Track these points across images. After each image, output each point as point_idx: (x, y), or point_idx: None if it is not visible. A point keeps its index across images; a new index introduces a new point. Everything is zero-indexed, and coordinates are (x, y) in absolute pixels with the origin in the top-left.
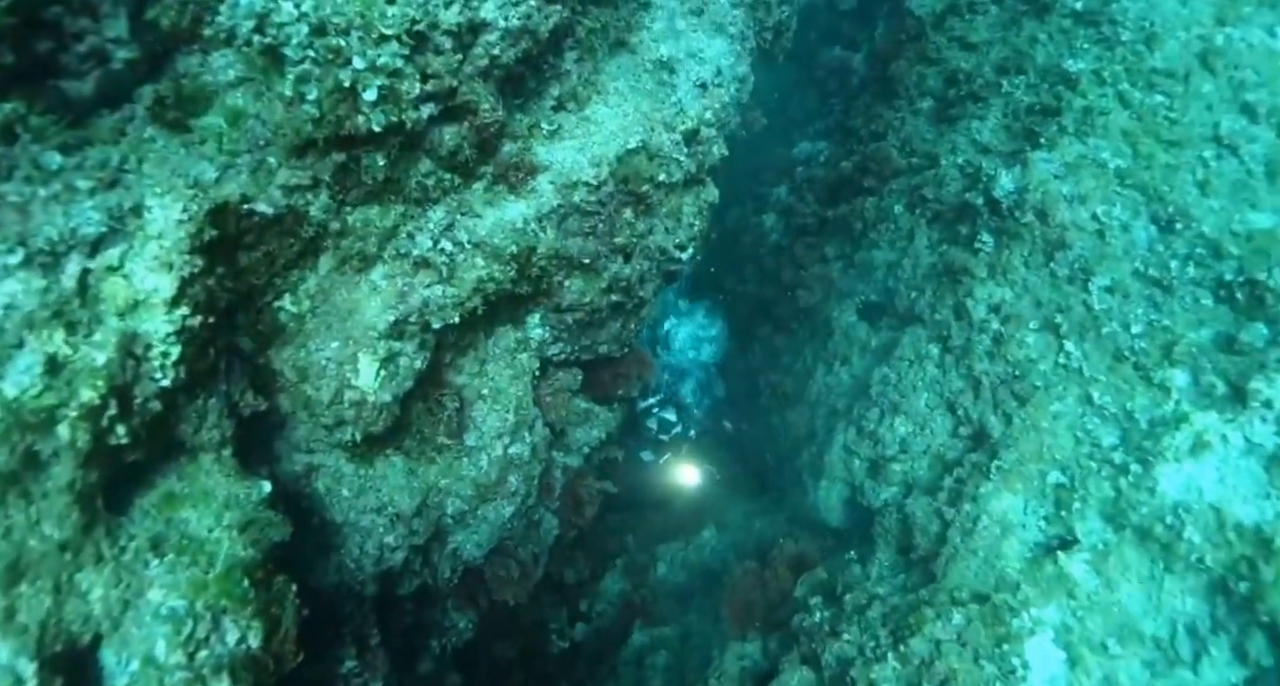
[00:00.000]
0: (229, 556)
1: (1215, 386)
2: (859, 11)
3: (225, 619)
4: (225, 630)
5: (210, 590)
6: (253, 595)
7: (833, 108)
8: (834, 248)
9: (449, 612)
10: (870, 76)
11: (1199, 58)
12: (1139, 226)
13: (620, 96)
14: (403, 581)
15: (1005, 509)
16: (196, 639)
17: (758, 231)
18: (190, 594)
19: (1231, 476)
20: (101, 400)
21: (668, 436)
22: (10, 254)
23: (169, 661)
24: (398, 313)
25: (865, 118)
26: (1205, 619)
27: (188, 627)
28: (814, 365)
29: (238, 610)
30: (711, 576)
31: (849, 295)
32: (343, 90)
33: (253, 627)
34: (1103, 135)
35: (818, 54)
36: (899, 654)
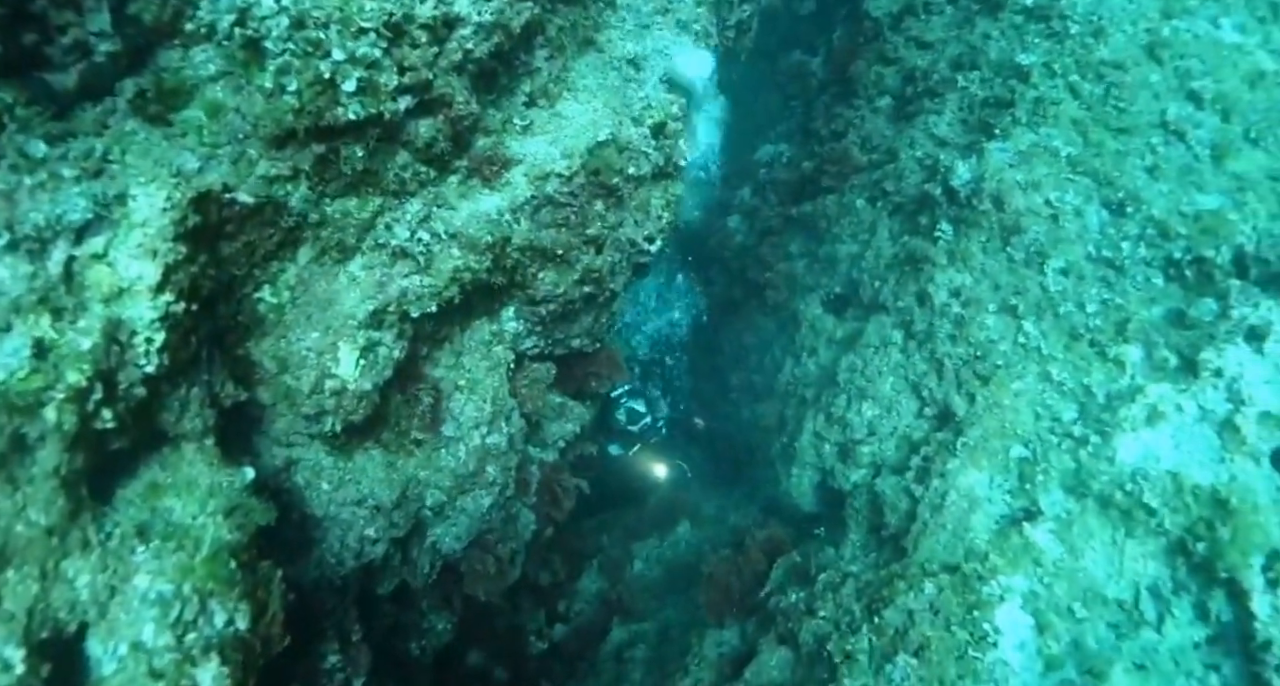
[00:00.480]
0: (215, 540)
1: (1168, 360)
2: (817, 15)
3: (212, 601)
4: (213, 612)
5: (197, 573)
6: (240, 577)
7: (794, 110)
8: (798, 245)
9: (427, 614)
10: (829, 78)
11: (1145, 49)
12: (1091, 211)
13: (589, 93)
14: (382, 578)
15: (971, 484)
16: (184, 621)
17: (723, 233)
18: (177, 578)
19: (1187, 443)
20: (88, 383)
21: (636, 427)
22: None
23: (157, 644)
24: (376, 302)
25: (825, 118)
26: (1167, 580)
27: (175, 610)
28: (782, 358)
29: (225, 592)
30: (688, 571)
31: (814, 289)
32: (323, 81)
33: (240, 610)
34: (1054, 124)
35: (778, 58)
36: (874, 625)
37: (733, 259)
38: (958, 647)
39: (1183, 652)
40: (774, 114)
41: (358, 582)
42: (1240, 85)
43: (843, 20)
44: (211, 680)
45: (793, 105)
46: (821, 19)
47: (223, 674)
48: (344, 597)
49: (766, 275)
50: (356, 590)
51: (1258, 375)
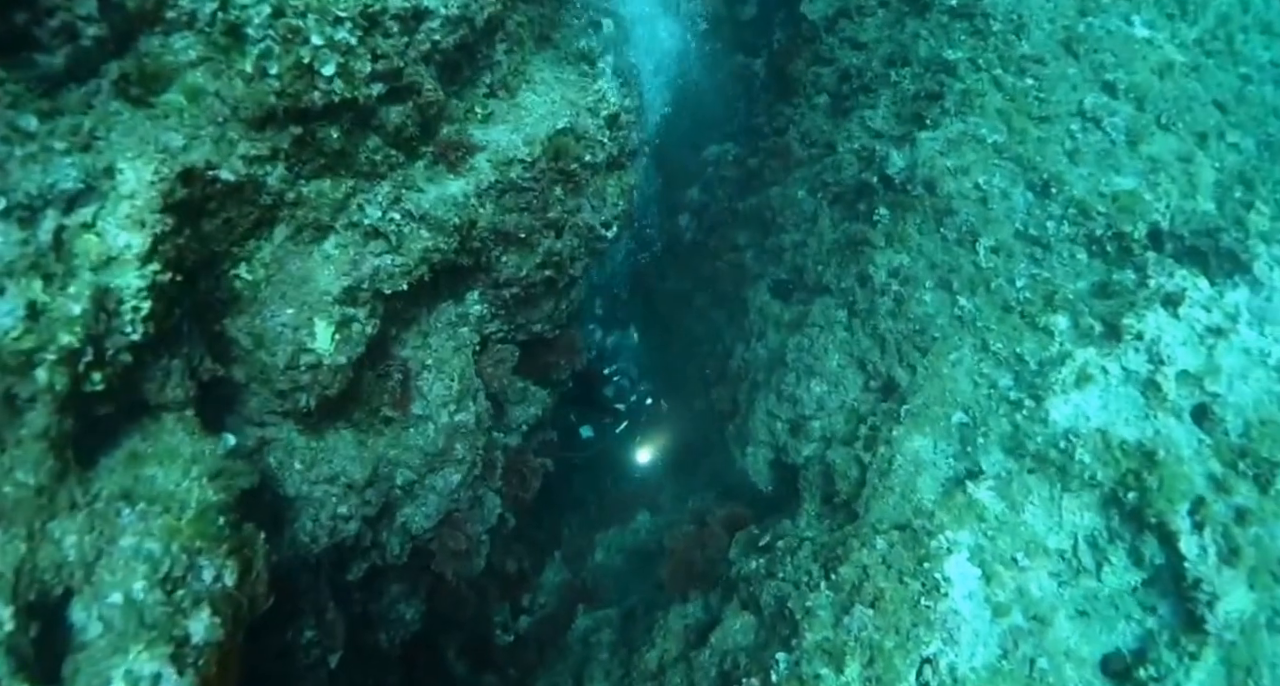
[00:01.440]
0: (200, 501)
1: (1093, 327)
2: (758, 21)
3: (200, 558)
4: (201, 568)
5: (184, 533)
6: (227, 533)
7: (737, 110)
8: (745, 236)
9: (396, 603)
10: (770, 79)
11: (1063, 44)
12: (1017, 193)
13: (547, 86)
14: (354, 562)
15: (916, 449)
16: (173, 578)
17: (674, 231)
18: (164, 538)
19: (1113, 402)
20: (80, 345)
21: (624, 404)
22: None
23: (147, 599)
24: (351, 279)
25: (768, 115)
26: (1102, 530)
27: (164, 567)
28: (733, 344)
29: (212, 550)
30: (649, 558)
31: (762, 277)
32: (302, 66)
33: (228, 566)
34: (980, 114)
35: (721, 62)
36: (830, 582)
37: (684, 252)
38: (911, 597)
39: (1121, 597)
40: (717, 115)
41: (330, 563)
42: (1151, 76)
43: (781, 24)
44: (204, 630)
45: (736, 106)
46: (761, 24)
47: (214, 624)
48: (318, 576)
49: (715, 265)
50: (329, 570)
51: (1175, 337)
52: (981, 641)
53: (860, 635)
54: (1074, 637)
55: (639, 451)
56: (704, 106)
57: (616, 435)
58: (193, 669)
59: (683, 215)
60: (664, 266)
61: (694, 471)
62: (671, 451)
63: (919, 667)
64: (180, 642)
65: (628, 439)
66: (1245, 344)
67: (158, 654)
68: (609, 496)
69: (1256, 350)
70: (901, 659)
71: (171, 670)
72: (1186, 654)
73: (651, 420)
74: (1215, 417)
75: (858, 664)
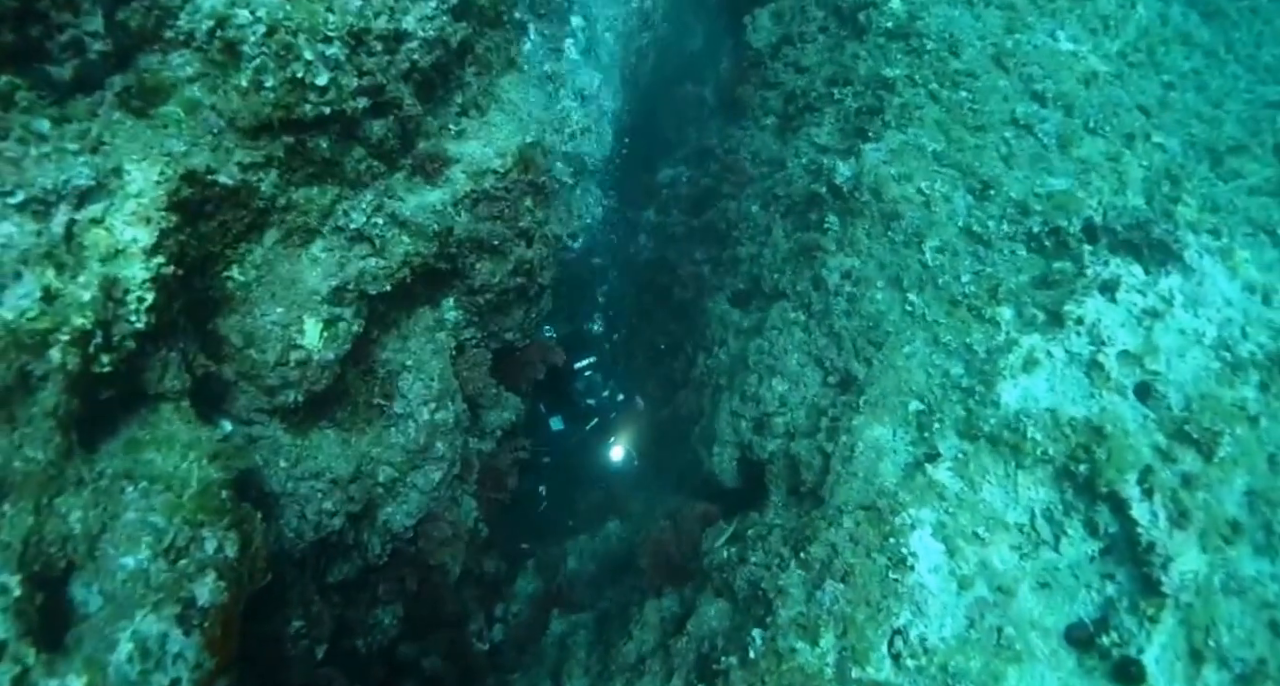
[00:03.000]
0: (201, 478)
1: (1036, 315)
2: (705, 51)
3: (204, 531)
4: (204, 539)
5: (186, 508)
6: (229, 507)
7: (689, 136)
8: (703, 251)
9: (374, 608)
10: (720, 104)
11: (993, 59)
12: (958, 196)
13: (514, 106)
14: (335, 564)
15: (876, 436)
16: (177, 547)
17: (631, 250)
18: (167, 512)
19: (1060, 384)
20: (91, 327)
21: (595, 400)
22: (10, 196)
23: (151, 568)
24: (337, 280)
25: (720, 138)
26: (1057, 504)
27: (168, 538)
28: (695, 354)
29: (215, 522)
30: (620, 564)
31: (720, 289)
32: (295, 80)
33: (230, 538)
34: (920, 126)
35: (673, 90)
36: (801, 561)
37: (643, 270)
38: (879, 571)
39: (1080, 567)
40: (670, 140)
41: (315, 561)
42: (1077, 85)
43: (728, 53)
44: (209, 593)
45: (688, 131)
46: (709, 53)
47: (219, 587)
48: (303, 571)
49: (674, 279)
50: (314, 568)
51: (1114, 320)
52: (949, 613)
53: (832, 609)
54: (1037, 609)
55: (611, 449)
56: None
57: (587, 433)
58: (198, 630)
59: (640, 235)
60: (623, 285)
61: (662, 477)
62: (645, 450)
63: (890, 638)
64: (186, 604)
65: (598, 437)
66: (1181, 325)
67: (164, 614)
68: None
69: (1192, 330)
70: (873, 630)
71: (178, 630)
72: (1146, 618)
73: (624, 418)
74: (1158, 394)
75: (831, 635)
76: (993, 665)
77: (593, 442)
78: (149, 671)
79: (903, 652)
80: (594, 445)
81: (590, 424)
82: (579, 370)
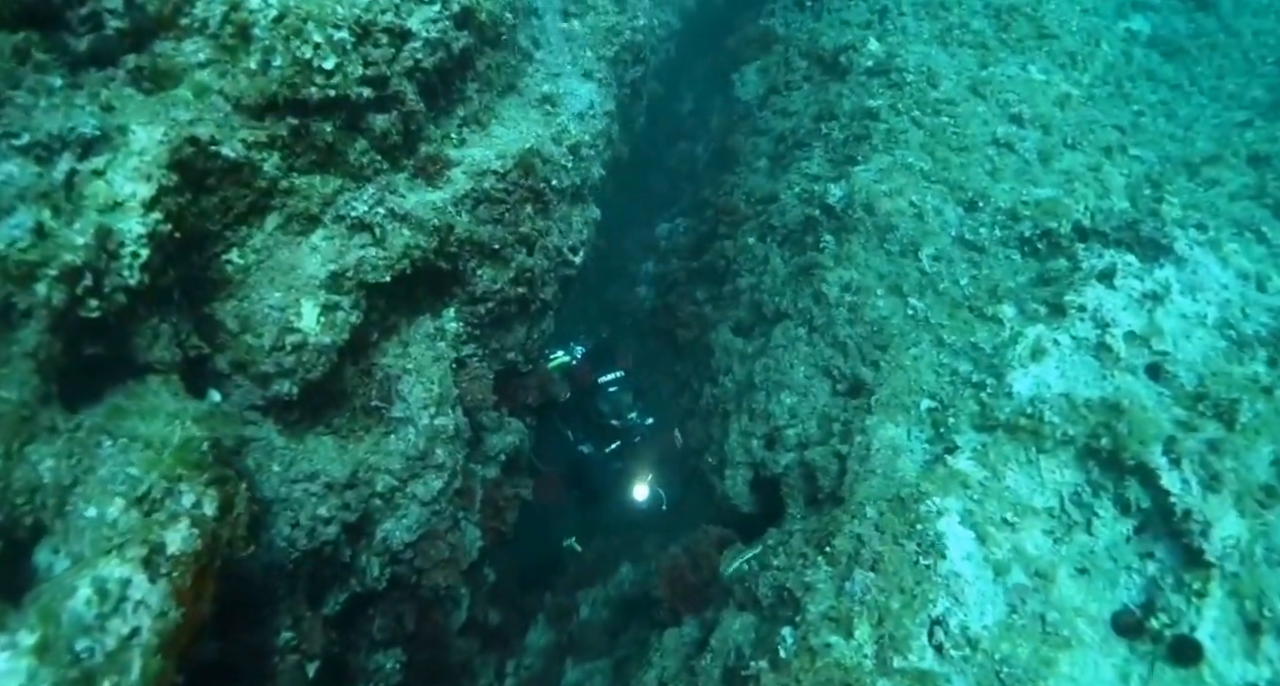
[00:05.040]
0: (184, 437)
1: (1038, 310)
2: (696, 112)
3: (181, 485)
4: (181, 494)
5: (165, 463)
6: (211, 461)
7: (684, 190)
8: (703, 291)
9: (375, 654)
10: (712, 156)
11: (970, 89)
12: (949, 208)
13: (514, 121)
14: (331, 590)
15: (891, 435)
16: (151, 499)
17: (634, 301)
18: (145, 467)
19: (1070, 370)
20: (81, 265)
21: (620, 422)
22: (15, 138)
23: (122, 518)
24: (337, 265)
25: (713, 186)
26: (1084, 485)
27: (143, 489)
28: (700, 386)
29: (194, 477)
30: (635, 608)
31: (723, 321)
32: (303, 62)
33: (209, 495)
34: (906, 147)
35: (666, 151)
36: (826, 555)
37: (645, 318)
38: (910, 557)
39: (1117, 548)
40: (665, 196)
41: (309, 576)
42: (1053, 108)
43: (718, 110)
44: (181, 541)
45: (682, 186)
46: (699, 115)
47: (192, 535)
48: (295, 584)
49: (676, 320)
50: (307, 581)
51: (1115, 304)
52: (988, 600)
53: (865, 599)
54: (1079, 596)
55: (635, 485)
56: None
57: (606, 457)
58: (166, 578)
59: (641, 286)
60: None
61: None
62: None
63: (929, 629)
64: (155, 549)
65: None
66: (1182, 310)
67: (129, 558)
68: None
69: (1193, 313)
70: (910, 618)
71: (143, 576)
72: (1193, 593)
73: (653, 445)
74: (1168, 374)
75: (867, 626)
76: (1042, 652)
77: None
78: (106, 615)
79: (945, 643)
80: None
81: (611, 446)
82: (603, 385)
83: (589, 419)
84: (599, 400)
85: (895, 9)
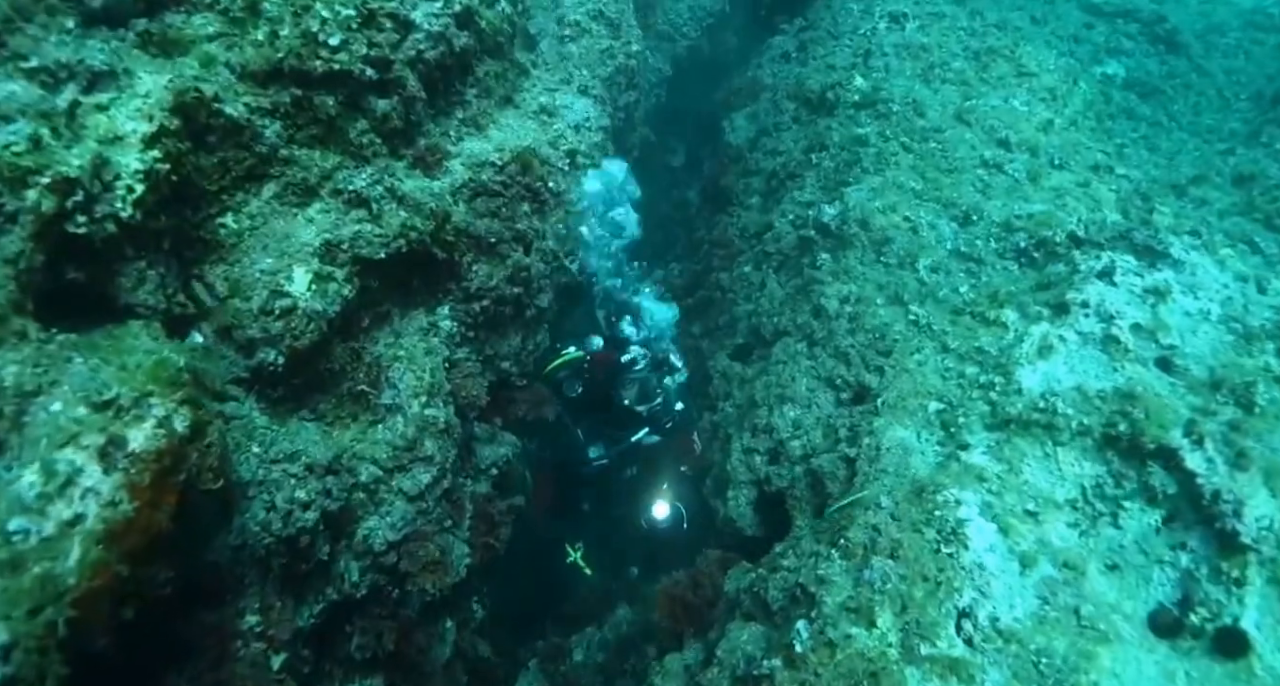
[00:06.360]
0: (160, 357)
1: (1041, 312)
2: (688, 166)
3: (151, 399)
4: (150, 406)
5: (136, 379)
6: (185, 380)
7: (678, 236)
8: (699, 325)
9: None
10: (705, 201)
11: (956, 117)
12: (943, 223)
13: (512, 128)
14: (308, 594)
15: (901, 437)
16: (119, 405)
17: None
18: (115, 380)
19: (1080, 364)
20: (76, 178)
21: (648, 407)
22: (23, 61)
23: (85, 417)
24: (331, 236)
25: (707, 225)
26: (1106, 476)
27: (109, 394)
28: (700, 414)
29: (165, 393)
30: (633, 647)
31: (720, 349)
32: (309, 34)
33: (181, 413)
34: (897, 168)
35: (659, 202)
36: (840, 548)
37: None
38: (930, 544)
39: (1146, 541)
40: (659, 244)
41: (282, 568)
42: (1037, 133)
43: (709, 156)
44: (144, 439)
45: (676, 232)
46: (692, 168)
47: (157, 435)
48: (267, 575)
49: None
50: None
51: (1118, 299)
52: (1017, 593)
53: (885, 587)
54: (1111, 594)
55: (654, 503)
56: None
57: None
58: (122, 472)
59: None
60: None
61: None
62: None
63: (956, 621)
64: (114, 442)
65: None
66: (1185, 308)
67: (84, 446)
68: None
69: (1197, 310)
70: (935, 607)
71: (97, 466)
72: (1232, 581)
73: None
74: (1179, 368)
75: (889, 614)
76: (1080, 645)
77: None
78: (49, 497)
79: (974, 636)
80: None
81: (637, 435)
82: (626, 364)
83: (604, 412)
84: (623, 384)
85: (878, 51)
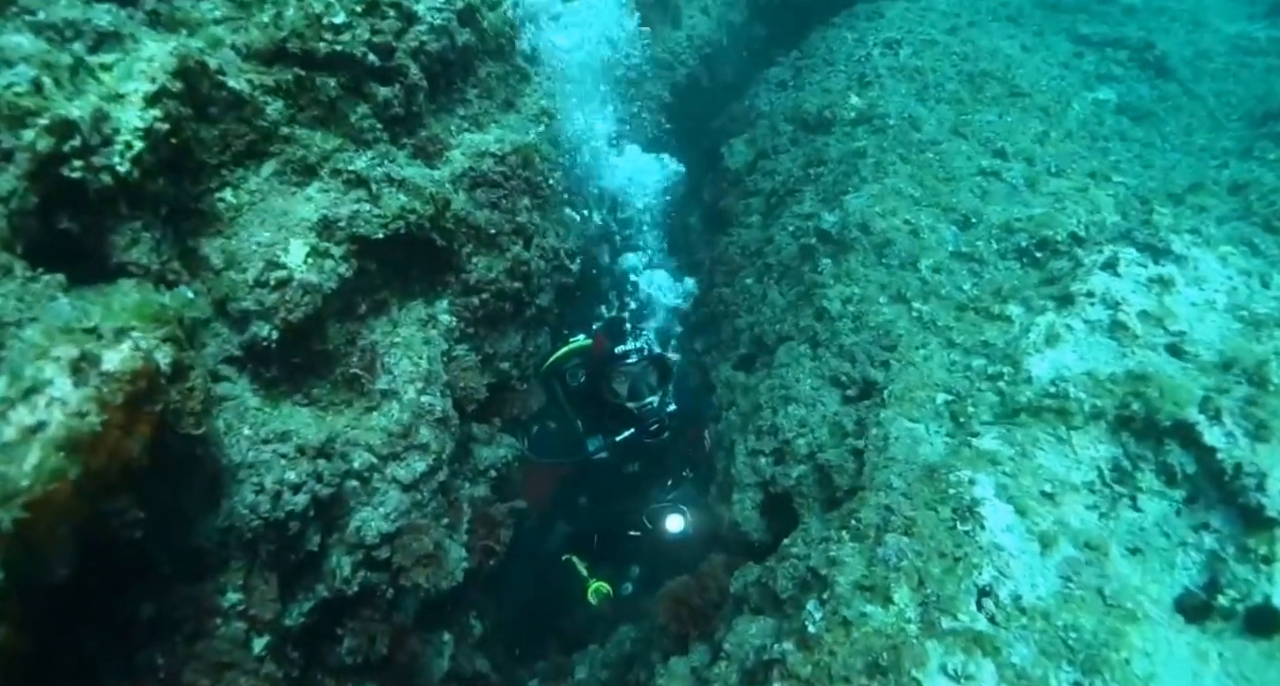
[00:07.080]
0: (145, 297)
1: (1045, 306)
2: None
3: (133, 333)
4: (133, 336)
5: (118, 315)
6: (169, 315)
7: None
8: (701, 341)
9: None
10: (704, 225)
11: (952, 130)
12: (944, 227)
13: (513, 128)
14: (297, 591)
15: (909, 428)
16: (98, 333)
17: None
18: (98, 315)
19: (1089, 352)
20: (74, 123)
21: (636, 406)
22: (31, 14)
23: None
24: (329, 212)
25: (707, 247)
26: (1123, 457)
27: (90, 323)
28: (704, 425)
29: (147, 329)
30: (637, 662)
31: (723, 361)
32: (313, 16)
33: (163, 349)
34: (895, 176)
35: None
36: (852, 531)
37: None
38: (946, 521)
39: (1168, 522)
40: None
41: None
42: (1033, 143)
43: (709, 182)
44: (120, 361)
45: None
46: (690, 193)
47: (135, 357)
48: (254, 556)
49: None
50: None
51: (1123, 288)
52: (1039, 573)
53: (900, 564)
54: (1135, 578)
55: (667, 516)
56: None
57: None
58: (93, 388)
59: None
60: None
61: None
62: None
63: (977, 598)
64: (88, 359)
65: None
66: (1191, 299)
67: (55, 358)
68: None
69: (1203, 301)
70: (954, 583)
71: (67, 379)
72: (1260, 559)
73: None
74: (1189, 353)
75: (906, 590)
76: (1108, 623)
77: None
78: (11, 402)
79: (997, 614)
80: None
81: (622, 435)
82: (619, 356)
83: (601, 404)
84: (612, 378)
85: (873, 74)
